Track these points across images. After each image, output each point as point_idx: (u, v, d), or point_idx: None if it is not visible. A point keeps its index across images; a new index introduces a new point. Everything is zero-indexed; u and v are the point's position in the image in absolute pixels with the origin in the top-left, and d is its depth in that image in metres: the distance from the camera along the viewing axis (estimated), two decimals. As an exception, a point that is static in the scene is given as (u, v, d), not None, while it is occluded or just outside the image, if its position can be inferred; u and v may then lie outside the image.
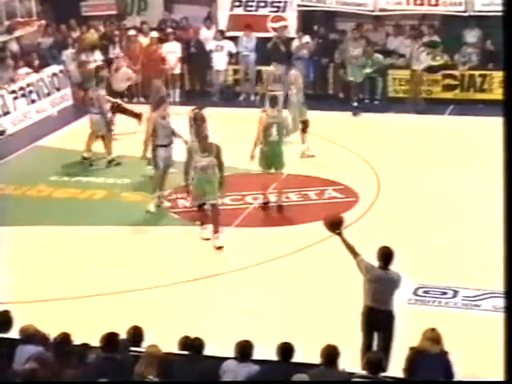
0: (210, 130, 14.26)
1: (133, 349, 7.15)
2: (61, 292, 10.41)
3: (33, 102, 18.04)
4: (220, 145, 11.74)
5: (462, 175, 14.08)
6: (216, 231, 11.57)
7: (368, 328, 8.17)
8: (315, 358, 6.93)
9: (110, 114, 15.26)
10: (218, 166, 11.61)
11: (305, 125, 15.20)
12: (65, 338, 7.11)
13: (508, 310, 4.65)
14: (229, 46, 19.52)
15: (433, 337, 7.19)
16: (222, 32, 19.69)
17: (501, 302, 9.76)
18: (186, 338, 7.29)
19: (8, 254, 11.62)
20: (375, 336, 8.17)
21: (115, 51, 19.52)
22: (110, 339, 6.99)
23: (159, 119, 12.90)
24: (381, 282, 8.06)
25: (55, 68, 18.92)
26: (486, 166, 14.28)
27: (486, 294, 10.01)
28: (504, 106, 4.71)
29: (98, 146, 15.25)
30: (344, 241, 8.23)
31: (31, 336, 7.17)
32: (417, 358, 7.12)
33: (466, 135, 16.35)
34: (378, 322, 8.11)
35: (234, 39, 19.69)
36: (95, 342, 7.13)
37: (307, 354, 7.17)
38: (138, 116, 15.91)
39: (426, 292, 10.12)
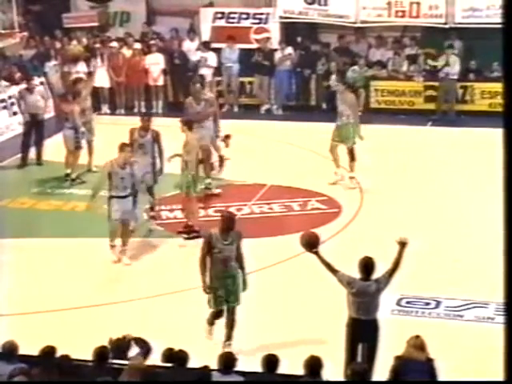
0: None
1: (116, 361, 7.15)
2: (45, 304, 10.38)
3: (14, 114, 17.99)
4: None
5: (445, 186, 14.18)
6: (229, 338, 9.18)
7: (353, 339, 8.20)
8: (299, 370, 6.95)
9: (82, 130, 15.02)
10: (238, 258, 9.17)
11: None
12: (50, 352, 7.10)
13: (508, 309, 4.68)
14: (211, 58, 19.59)
15: (417, 344, 7.24)
16: (206, 43, 19.76)
17: (483, 312, 9.85)
18: (170, 349, 7.29)
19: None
20: (359, 346, 8.20)
21: (97, 64, 19.52)
22: (102, 353, 7.00)
23: (115, 167, 11.44)
24: (364, 294, 8.10)
25: (37, 80, 18.86)
26: (467, 176, 14.42)
27: (469, 304, 10.07)
28: (504, 115, 4.76)
29: (82, 159, 15.22)
30: (321, 258, 8.27)
31: (13, 352, 7.15)
32: (402, 366, 7.16)
33: (447, 146, 16.48)
34: (363, 332, 8.15)
35: (217, 51, 19.77)
36: (80, 355, 7.12)
37: (291, 365, 7.19)
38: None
39: (408, 302, 10.17)
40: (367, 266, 8.12)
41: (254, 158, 15.34)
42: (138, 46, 19.80)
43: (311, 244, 8.38)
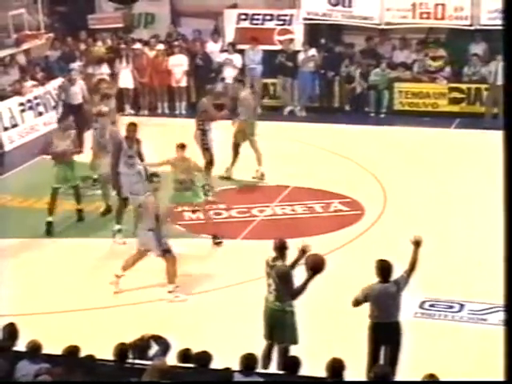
0: (218, 144, 14.37)
1: (138, 362, 7.18)
2: (70, 304, 10.45)
3: (40, 114, 18.13)
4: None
5: (470, 189, 14.09)
6: None
7: (376, 342, 8.19)
8: (321, 372, 6.94)
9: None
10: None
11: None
12: (74, 351, 7.14)
13: (508, 308, 4.66)
14: (236, 59, 19.62)
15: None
16: (233, 45, 19.80)
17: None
18: (186, 350, 7.29)
19: (15, 266, 11.67)
20: (382, 349, 8.17)
21: (121, 65, 19.63)
22: (122, 350, 7.04)
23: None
24: (382, 298, 8.09)
25: (61, 81, 18.98)
26: (493, 179, 14.30)
27: (493, 307, 10.00)
28: (504, 118, 4.74)
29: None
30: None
31: (37, 351, 7.20)
32: None
33: (472, 149, 16.37)
34: (385, 335, 8.14)
35: (241, 52, 19.79)
36: (102, 355, 7.16)
37: (313, 367, 7.18)
38: None
39: (432, 306, 10.12)
40: (384, 269, 8.12)
41: (276, 160, 15.32)
42: (161, 47, 19.88)
43: (316, 269, 8.27)
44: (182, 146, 12.33)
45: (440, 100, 18.79)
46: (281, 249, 8.51)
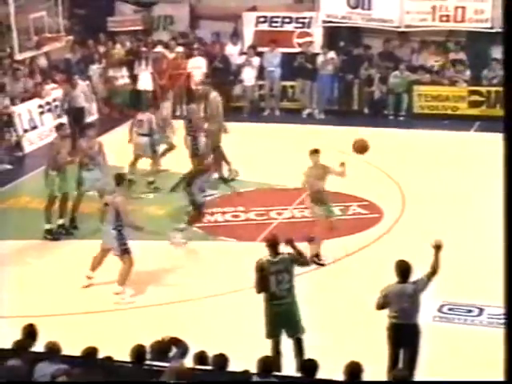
0: (236, 146, 14.38)
1: (156, 363, 7.19)
2: (86, 306, 10.50)
3: (59, 116, 18.23)
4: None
5: (488, 192, 14.00)
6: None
7: (394, 343, 8.19)
8: (339, 375, 6.92)
9: (157, 136, 14.88)
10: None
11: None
12: (92, 352, 7.17)
13: (508, 308, 4.65)
14: (256, 61, 19.63)
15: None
16: (253, 47, 19.81)
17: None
18: (202, 352, 7.29)
19: (35, 266, 11.75)
20: (401, 351, 8.15)
21: (141, 67, 19.70)
22: (139, 352, 7.07)
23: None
24: (400, 298, 8.11)
25: (81, 83, 19.06)
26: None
27: (512, 312, 9.92)
28: (504, 121, 4.71)
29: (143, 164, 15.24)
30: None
31: (56, 353, 7.23)
32: None
33: (492, 152, 16.26)
34: (403, 336, 8.13)
35: (260, 55, 19.81)
36: (120, 356, 7.18)
37: (331, 370, 7.16)
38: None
39: (450, 309, 10.07)
40: (402, 269, 8.16)
41: (295, 163, 15.27)
42: (180, 49, 19.93)
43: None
44: (315, 151, 11.69)
45: (459, 103, 18.71)
46: (275, 245, 8.70)
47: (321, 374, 7.03)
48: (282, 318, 8.62)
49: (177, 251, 12.08)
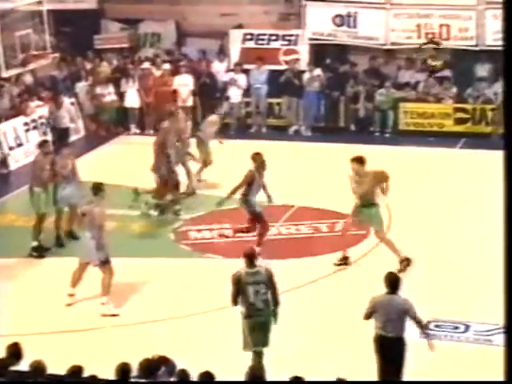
0: (222, 163, 14.42)
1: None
2: (71, 324, 10.44)
3: (44, 134, 18.18)
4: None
5: (474, 209, 14.08)
6: None
7: (380, 354, 8.26)
8: None
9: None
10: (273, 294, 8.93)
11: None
12: (77, 371, 7.13)
13: (508, 307, 4.67)
14: (241, 79, 19.69)
15: None
16: (240, 64, 19.88)
17: (513, 337, 9.71)
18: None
19: (20, 285, 11.68)
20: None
21: (128, 84, 19.72)
22: (124, 370, 7.03)
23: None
24: (385, 308, 8.21)
25: (67, 100, 19.06)
26: (499, 199, 14.28)
27: (499, 328, 9.95)
28: (504, 138, 4.76)
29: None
30: None
31: (41, 372, 7.18)
32: None
33: (477, 168, 16.35)
34: (388, 349, 8.19)
35: (246, 72, 19.86)
36: (105, 375, 7.14)
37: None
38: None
39: (437, 326, 10.08)
40: (392, 281, 8.29)
41: (281, 179, 15.32)
42: (166, 66, 19.97)
43: None
44: (360, 160, 11.84)
45: (445, 120, 18.81)
46: (253, 256, 8.92)
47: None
48: (261, 328, 8.77)
49: (159, 268, 12.05)
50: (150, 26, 21.51)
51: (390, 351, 8.20)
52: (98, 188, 11.14)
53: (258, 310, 8.74)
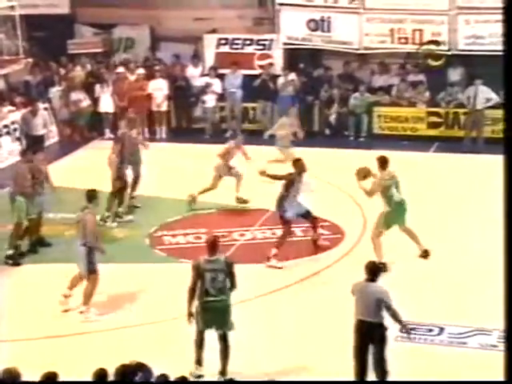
0: (197, 168, 14.41)
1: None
2: (50, 330, 10.37)
3: (18, 139, 18.06)
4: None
5: (448, 212, 14.19)
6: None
7: (360, 340, 8.49)
8: None
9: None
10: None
11: None
12: (51, 377, 7.09)
13: (508, 308, 4.73)
14: (216, 84, 19.69)
15: None
16: (214, 69, 19.88)
17: (487, 340, 9.80)
18: (164, 375, 7.26)
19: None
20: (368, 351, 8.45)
21: (102, 89, 19.65)
22: (101, 375, 7.01)
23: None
24: (364, 293, 8.51)
25: (40, 106, 18.95)
26: (472, 202, 14.43)
27: (473, 331, 10.03)
28: (504, 144, 4.80)
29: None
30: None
31: (15, 379, 7.13)
32: None
33: (451, 172, 16.48)
34: (368, 334, 8.43)
35: (221, 76, 19.88)
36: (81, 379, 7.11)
37: None
38: None
39: (412, 329, 10.10)
40: (372, 269, 8.67)
41: (256, 183, 15.34)
42: (141, 71, 19.93)
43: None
44: (384, 161, 12.22)
45: (419, 124, 18.95)
46: (214, 245, 9.16)
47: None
48: (212, 314, 9.07)
49: (134, 274, 12.02)
50: (123, 30, 21.46)
51: (369, 336, 8.45)
52: (91, 195, 11.07)
53: (211, 295, 9.03)
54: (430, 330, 10.12)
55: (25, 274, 12.27)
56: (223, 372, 9.07)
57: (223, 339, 9.14)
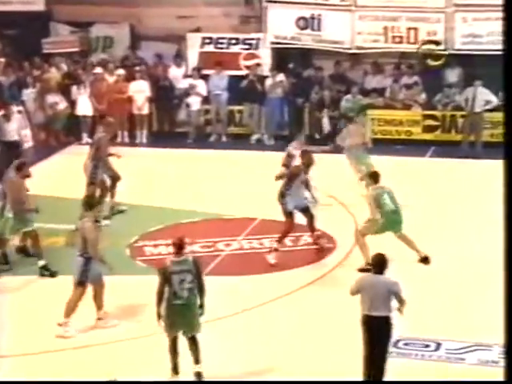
0: (180, 174, 14.36)
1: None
2: (29, 346, 10.32)
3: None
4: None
5: (443, 220, 14.20)
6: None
7: (366, 335, 8.67)
8: None
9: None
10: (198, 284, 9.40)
11: None
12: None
13: (508, 308, 4.74)
14: (201, 85, 19.68)
15: None
16: (198, 70, 19.88)
17: (487, 355, 9.80)
18: None
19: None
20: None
21: (79, 91, 19.60)
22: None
23: None
24: (374, 286, 8.69)
25: (14, 108, 18.86)
26: (470, 210, 14.45)
27: (471, 346, 10.03)
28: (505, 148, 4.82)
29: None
30: None
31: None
32: None
33: (447, 178, 16.51)
34: (373, 329, 8.64)
35: (205, 78, 19.87)
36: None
37: None
38: None
39: (406, 344, 10.11)
40: (380, 261, 8.83)
41: (243, 191, 15.34)
42: (121, 72, 19.89)
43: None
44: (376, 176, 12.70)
45: (414, 128, 19.00)
46: (181, 246, 9.35)
47: None
48: (181, 316, 9.23)
49: (114, 286, 11.98)
50: (102, 29, 21.42)
51: (376, 331, 8.61)
52: (90, 203, 11.10)
53: (180, 298, 9.18)
54: (427, 346, 10.11)
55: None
56: (197, 361, 9.29)
57: (193, 342, 9.29)
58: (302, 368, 9.63)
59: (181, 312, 9.24)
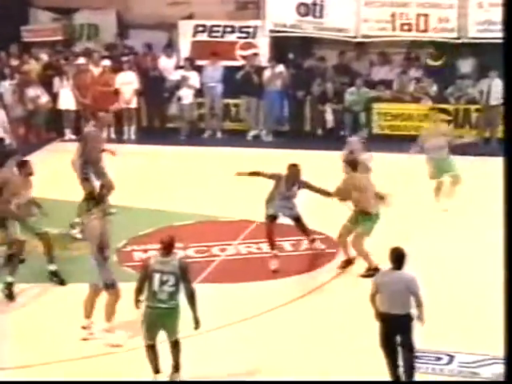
0: (172, 173, 14.36)
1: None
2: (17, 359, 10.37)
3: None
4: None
5: (458, 222, 14.21)
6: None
7: (387, 334, 8.92)
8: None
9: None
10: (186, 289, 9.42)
11: None
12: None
13: (508, 308, 4.77)
14: (193, 77, 19.70)
15: None
16: (190, 60, 19.90)
17: (503, 369, 9.82)
18: None
19: None
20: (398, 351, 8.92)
21: (62, 83, 19.61)
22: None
23: None
24: (393, 283, 8.86)
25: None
26: (484, 211, 14.46)
27: (486, 359, 10.05)
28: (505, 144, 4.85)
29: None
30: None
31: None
32: None
33: (461, 177, 16.50)
34: (394, 326, 8.89)
35: (198, 69, 19.90)
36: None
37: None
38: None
39: (417, 357, 10.11)
40: (398, 256, 8.94)
41: (240, 192, 15.35)
42: (107, 62, 19.90)
43: None
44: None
45: (424, 122, 19.02)
46: (170, 246, 9.42)
47: None
48: (159, 320, 9.31)
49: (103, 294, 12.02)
50: (86, 16, 21.48)
51: (395, 328, 8.84)
52: (97, 197, 11.25)
53: (160, 300, 9.20)
54: (439, 359, 10.13)
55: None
56: (177, 368, 9.41)
57: (175, 346, 9.38)
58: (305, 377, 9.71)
59: (159, 318, 9.29)
